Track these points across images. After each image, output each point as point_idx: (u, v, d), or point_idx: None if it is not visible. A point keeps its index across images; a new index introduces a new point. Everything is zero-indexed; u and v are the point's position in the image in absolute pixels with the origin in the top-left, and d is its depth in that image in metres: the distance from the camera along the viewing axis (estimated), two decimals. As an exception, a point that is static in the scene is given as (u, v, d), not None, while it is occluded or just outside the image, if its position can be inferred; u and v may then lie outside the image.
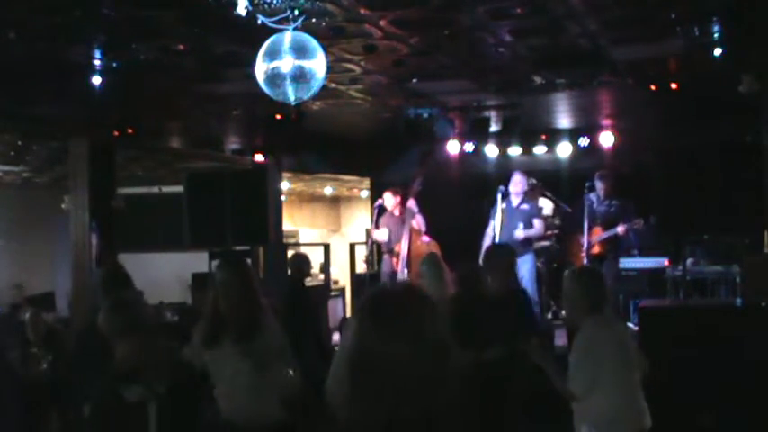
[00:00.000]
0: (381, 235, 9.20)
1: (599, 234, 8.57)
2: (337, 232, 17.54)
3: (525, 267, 8.70)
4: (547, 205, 10.07)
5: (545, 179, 10.22)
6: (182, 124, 9.76)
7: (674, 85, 7.60)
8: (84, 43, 6.02)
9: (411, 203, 9.00)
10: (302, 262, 7.87)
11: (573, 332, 4.38)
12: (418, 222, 8.98)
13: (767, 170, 6.74)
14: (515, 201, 8.78)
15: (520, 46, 6.46)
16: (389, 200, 9.27)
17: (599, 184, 8.69)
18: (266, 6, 5.01)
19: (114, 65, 6.53)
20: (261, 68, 4.90)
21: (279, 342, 4.21)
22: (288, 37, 4.87)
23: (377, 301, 1.59)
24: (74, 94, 7.38)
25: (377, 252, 9.83)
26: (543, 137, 10.36)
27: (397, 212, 9.23)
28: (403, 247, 8.85)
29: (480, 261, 6.13)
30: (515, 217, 8.69)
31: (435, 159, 10.60)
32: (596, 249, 8.44)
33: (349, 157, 11.39)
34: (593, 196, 8.71)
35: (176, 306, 10.19)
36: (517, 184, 8.78)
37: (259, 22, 5.00)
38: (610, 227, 8.45)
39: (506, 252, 5.78)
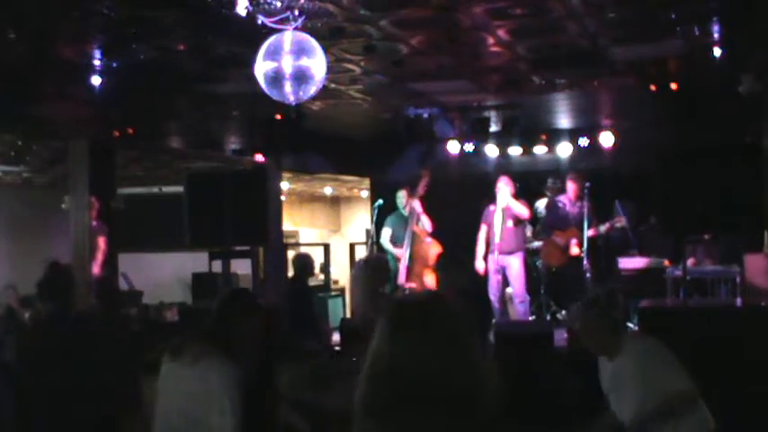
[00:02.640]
0: (385, 238, 9.19)
1: (576, 235, 8.63)
2: (337, 232, 17.54)
3: (515, 266, 8.73)
4: (541, 204, 10.07)
5: (545, 179, 10.22)
6: (182, 124, 9.75)
7: (674, 85, 7.60)
8: (84, 43, 6.02)
9: (415, 204, 8.98)
10: (307, 262, 7.88)
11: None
12: (423, 223, 8.96)
13: (767, 170, 6.74)
14: (502, 202, 8.80)
15: (520, 46, 6.46)
16: (402, 199, 9.25)
17: (570, 185, 8.74)
18: (266, 6, 5.02)
19: (114, 65, 6.54)
20: (261, 68, 4.90)
21: None
22: (288, 37, 4.88)
23: (400, 310, 1.52)
24: (74, 94, 7.39)
25: (377, 252, 9.82)
26: (543, 137, 10.35)
27: (406, 212, 9.21)
28: (405, 248, 8.84)
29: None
30: (505, 216, 8.78)
31: (437, 159, 10.60)
32: (574, 251, 8.54)
33: (349, 157, 11.38)
34: (564, 198, 8.76)
35: (176, 306, 10.18)
36: (502, 185, 8.81)
37: (259, 22, 5.01)
38: (583, 228, 8.52)
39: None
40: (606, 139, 9.96)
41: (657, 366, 3.75)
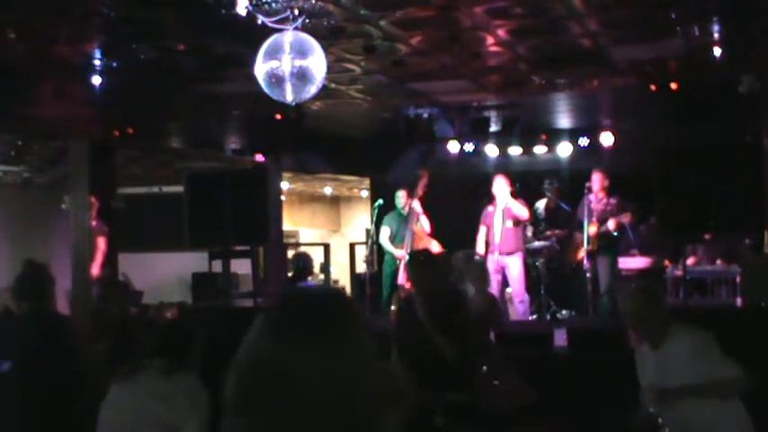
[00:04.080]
0: (384, 237, 9.15)
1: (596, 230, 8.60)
2: (337, 232, 17.54)
3: (515, 266, 8.70)
4: (541, 205, 10.06)
5: (545, 179, 10.21)
6: (182, 124, 9.76)
7: (674, 85, 7.60)
8: (84, 43, 6.02)
9: (416, 204, 8.95)
10: (307, 261, 7.87)
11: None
12: (422, 223, 8.94)
13: (767, 170, 6.74)
14: (502, 202, 8.75)
15: (520, 46, 6.47)
16: (402, 199, 9.19)
17: (596, 176, 8.65)
18: (266, 6, 5.02)
19: (114, 65, 6.54)
20: (261, 68, 4.90)
21: None
22: (288, 37, 4.88)
23: (288, 307, 1.31)
24: (74, 94, 7.39)
25: (377, 252, 9.83)
26: (543, 137, 10.35)
27: (404, 212, 9.18)
28: (405, 247, 8.82)
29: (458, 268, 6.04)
30: (505, 217, 8.74)
31: (437, 159, 10.60)
32: (590, 246, 8.51)
33: (349, 157, 11.39)
34: (591, 196, 8.74)
35: (176, 306, 10.16)
36: (500, 186, 8.77)
37: (259, 22, 5.01)
38: (604, 223, 8.49)
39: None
40: (606, 139, 9.96)
41: (709, 353, 3.75)
